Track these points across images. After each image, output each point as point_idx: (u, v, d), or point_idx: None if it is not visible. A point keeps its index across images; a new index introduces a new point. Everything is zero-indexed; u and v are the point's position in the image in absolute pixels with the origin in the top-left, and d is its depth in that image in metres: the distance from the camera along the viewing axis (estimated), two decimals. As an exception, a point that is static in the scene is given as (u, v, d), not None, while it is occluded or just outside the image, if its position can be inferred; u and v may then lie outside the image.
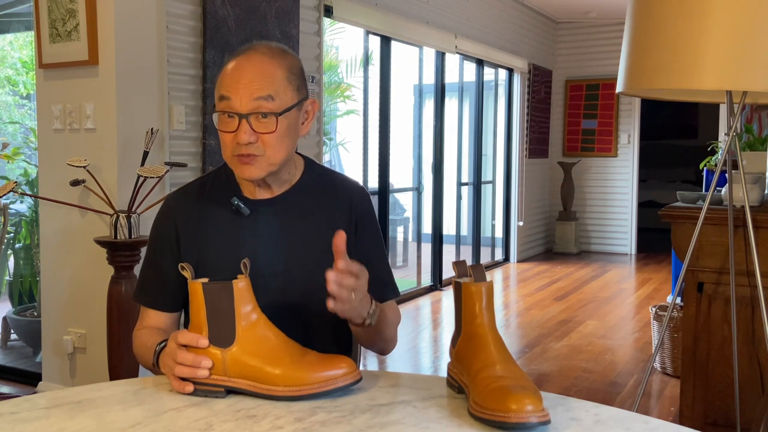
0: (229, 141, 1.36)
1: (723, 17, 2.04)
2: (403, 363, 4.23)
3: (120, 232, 2.94)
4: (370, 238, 1.53)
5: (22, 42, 6.04)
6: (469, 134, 7.39)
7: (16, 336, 4.35)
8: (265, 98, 1.34)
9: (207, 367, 1.19)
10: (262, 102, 1.34)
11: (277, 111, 1.35)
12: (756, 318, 2.55)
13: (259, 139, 1.35)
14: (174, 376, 1.22)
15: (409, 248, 7.38)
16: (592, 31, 8.43)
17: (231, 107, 1.35)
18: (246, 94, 1.34)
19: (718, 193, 2.73)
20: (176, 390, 1.22)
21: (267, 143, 1.36)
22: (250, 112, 1.34)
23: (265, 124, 1.35)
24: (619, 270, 7.47)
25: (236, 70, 1.36)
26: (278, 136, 1.36)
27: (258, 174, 1.37)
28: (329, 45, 7.63)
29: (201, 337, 1.21)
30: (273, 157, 1.37)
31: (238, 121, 1.34)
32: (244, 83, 1.34)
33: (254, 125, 1.34)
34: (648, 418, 1.12)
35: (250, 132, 1.34)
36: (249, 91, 1.34)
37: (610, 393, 3.67)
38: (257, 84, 1.34)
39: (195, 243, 1.45)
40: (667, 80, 2.13)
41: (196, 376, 1.20)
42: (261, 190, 1.46)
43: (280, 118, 1.35)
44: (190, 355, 1.20)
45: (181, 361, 1.21)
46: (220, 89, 1.37)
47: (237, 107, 1.34)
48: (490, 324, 1.18)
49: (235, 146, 1.36)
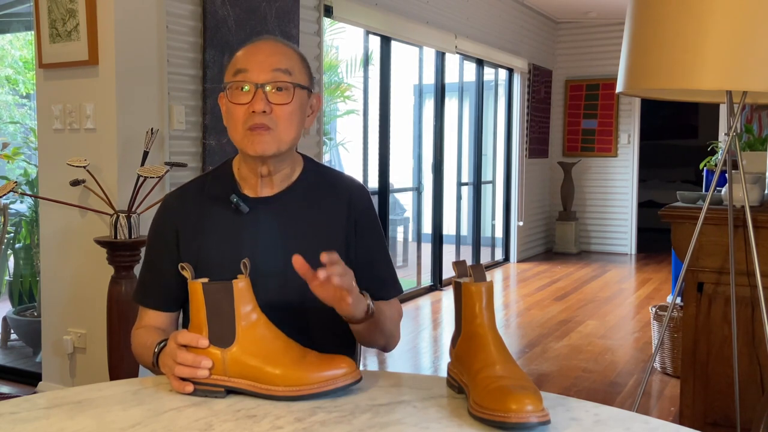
0: (242, 113, 1.37)
1: (723, 17, 2.04)
2: (403, 363, 4.23)
3: (120, 232, 2.94)
4: (370, 235, 1.53)
5: (22, 41, 6.04)
6: (469, 134, 7.39)
7: (16, 336, 4.35)
8: (283, 71, 1.37)
9: (207, 367, 1.19)
10: (279, 74, 1.37)
11: (294, 82, 1.38)
12: (756, 318, 2.55)
13: (272, 111, 1.37)
14: (174, 376, 1.22)
15: (409, 248, 7.38)
16: (592, 31, 8.43)
17: (247, 78, 1.37)
18: (265, 66, 1.37)
19: (718, 193, 2.73)
20: (176, 390, 1.22)
21: (280, 116, 1.37)
22: (267, 81, 1.36)
23: (280, 96, 1.37)
24: (619, 270, 7.47)
25: (253, 47, 1.41)
26: (291, 111, 1.38)
27: (269, 149, 1.38)
28: (329, 45, 7.63)
29: (201, 337, 1.21)
30: (284, 133, 1.38)
31: (254, 91, 1.36)
32: (262, 57, 1.38)
33: (270, 96, 1.36)
34: (648, 418, 1.12)
35: (265, 101, 1.35)
36: (268, 63, 1.37)
37: (610, 393, 3.67)
38: (275, 58, 1.38)
39: (194, 242, 1.45)
40: (667, 80, 2.13)
41: (196, 376, 1.20)
42: (263, 186, 1.46)
43: (296, 90, 1.38)
44: (190, 355, 1.20)
45: (181, 361, 1.21)
46: (236, 65, 1.40)
47: (254, 78, 1.36)
48: (490, 324, 1.18)
49: (249, 117, 1.37)
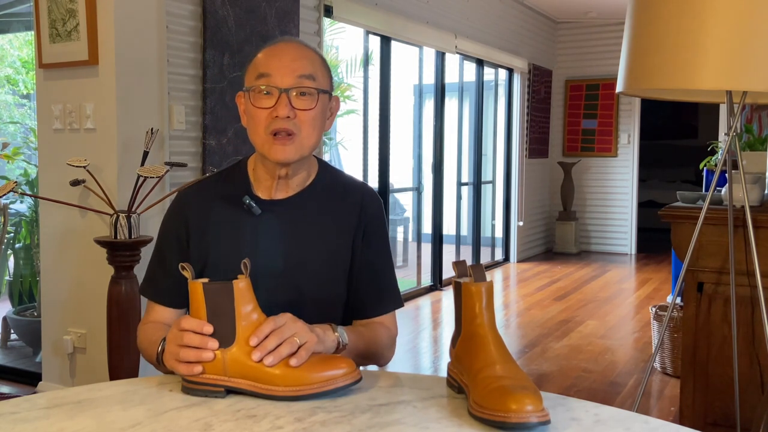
0: (264, 118, 1.36)
1: (723, 17, 2.04)
2: (403, 363, 4.23)
3: (120, 232, 2.94)
4: (376, 246, 1.51)
5: (22, 41, 6.04)
6: (469, 134, 7.39)
7: (16, 336, 4.35)
8: (308, 77, 1.36)
9: (213, 348, 1.18)
10: (304, 80, 1.36)
11: (319, 88, 1.37)
12: (756, 318, 2.55)
13: (296, 116, 1.36)
14: (179, 361, 1.20)
15: (409, 248, 7.38)
16: (592, 31, 8.43)
17: (271, 82, 1.35)
18: (288, 71, 1.36)
19: (718, 193, 2.73)
20: (183, 374, 1.20)
21: (303, 121, 1.37)
22: (291, 87, 1.35)
23: (304, 101, 1.36)
24: (619, 270, 7.47)
25: (276, 50, 1.39)
26: (314, 116, 1.38)
27: (291, 156, 1.37)
28: (329, 45, 7.63)
29: (205, 323, 1.19)
30: (306, 139, 1.38)
31: (278, 96, 1.35)
32: (286, 61, 1.36)
33: (294, 101, 1.35)
34: (648, 418, 1.12)
35: (289, 107, 1.35)
36: (291, 68, 1.36)
37: (610, 393, 3.67)
38: (299, 63, 1.37)
39: (204, 240, 1.45)
40: (667, 80, 2.13)
41: (201, 358, 1.18)
42: (279, 188, 1.45)
43: (320, 95, 1.38)
44: (197, 336, 1.19)
45: (187, 342, 1.19)
46: (258, 68, 1.38)
47: (278, 82, 1.35)
48: (490, 324, 1.17)
49: (272, 121, 1.36)
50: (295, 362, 1.17)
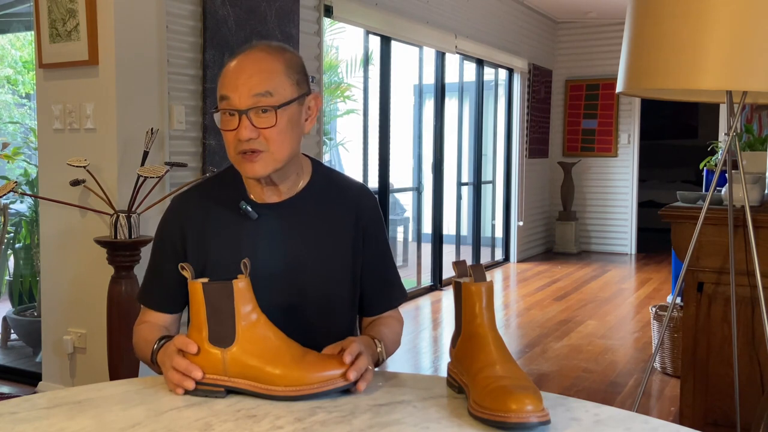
0: (232, 139, 1.37)
1: (723, 17, 2.04)
2: (403, 363, 4.23)
3: (120, 232, 2.94)
4: (376, 244, 1.54)
5: (22, 41, 6.04)
6: (469, 134, 7.39)
7: (16, 336, 4.35)
8: (263, 94, 1.35)
9: (196, 378, 1.21)
10: (260, 98, 1.35)
11: (276, 104, 1.36)
12: (756, 318, 2.55)
13: (260, 135, 1.35)
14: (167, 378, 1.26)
15: (409, 248, 7.38)
16: (592, 31, 8.43)
17: (231, 105, 1.36)
18: (244, 91, 1.35)
19: (718, 193, 2.73)
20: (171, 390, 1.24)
21: (269, 138, 1.36)
22: (249, 108, 1.34)
23: (265, 119, 1.35)
24: (619, 270, 7.47)
25: (234, 69, 1.38)
26: (279, 131, 1.37)
27: (262, 171, 1.38)
28: (329, 45, 7.63)
29: (191, 342, 1.22)
30: (277, 153, 1.37)
31: (239, 118, 1.35)
32: (242, 81, 1.35)
33: (254, 121, 1.35)
34: (648, 418, 1.12)
35: (250, 128, 1.34)
36: (247, 88, 1.35)
37: (610, 393, 3.67)
38: (255, 80, 1.35)
39: (201, 246, 1.45)
40: (667, 80, 2.13)
41: (183, 385, 1.22)
42: (269, 193, 1.46)
43: (279, 112, 1.36)
44: (184, 362, 1.22)
45: (175, 365, 1.23)
46: (221, 90, 1.38)
47: (236, 104, 1.35)
48: (490, 324, 1.18)
49: (237, 143, 1.36)
50: (363, 386, 1.21)
